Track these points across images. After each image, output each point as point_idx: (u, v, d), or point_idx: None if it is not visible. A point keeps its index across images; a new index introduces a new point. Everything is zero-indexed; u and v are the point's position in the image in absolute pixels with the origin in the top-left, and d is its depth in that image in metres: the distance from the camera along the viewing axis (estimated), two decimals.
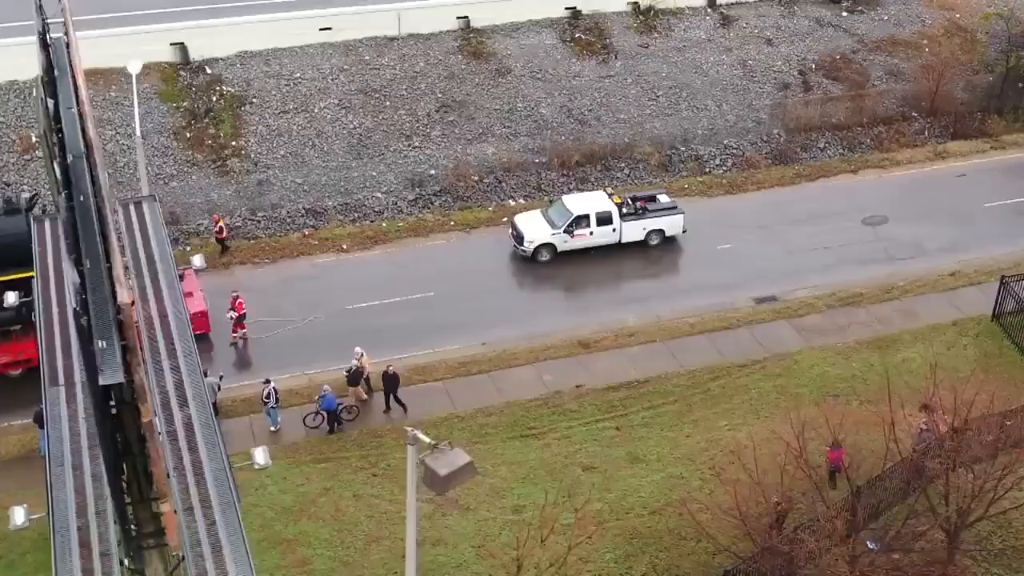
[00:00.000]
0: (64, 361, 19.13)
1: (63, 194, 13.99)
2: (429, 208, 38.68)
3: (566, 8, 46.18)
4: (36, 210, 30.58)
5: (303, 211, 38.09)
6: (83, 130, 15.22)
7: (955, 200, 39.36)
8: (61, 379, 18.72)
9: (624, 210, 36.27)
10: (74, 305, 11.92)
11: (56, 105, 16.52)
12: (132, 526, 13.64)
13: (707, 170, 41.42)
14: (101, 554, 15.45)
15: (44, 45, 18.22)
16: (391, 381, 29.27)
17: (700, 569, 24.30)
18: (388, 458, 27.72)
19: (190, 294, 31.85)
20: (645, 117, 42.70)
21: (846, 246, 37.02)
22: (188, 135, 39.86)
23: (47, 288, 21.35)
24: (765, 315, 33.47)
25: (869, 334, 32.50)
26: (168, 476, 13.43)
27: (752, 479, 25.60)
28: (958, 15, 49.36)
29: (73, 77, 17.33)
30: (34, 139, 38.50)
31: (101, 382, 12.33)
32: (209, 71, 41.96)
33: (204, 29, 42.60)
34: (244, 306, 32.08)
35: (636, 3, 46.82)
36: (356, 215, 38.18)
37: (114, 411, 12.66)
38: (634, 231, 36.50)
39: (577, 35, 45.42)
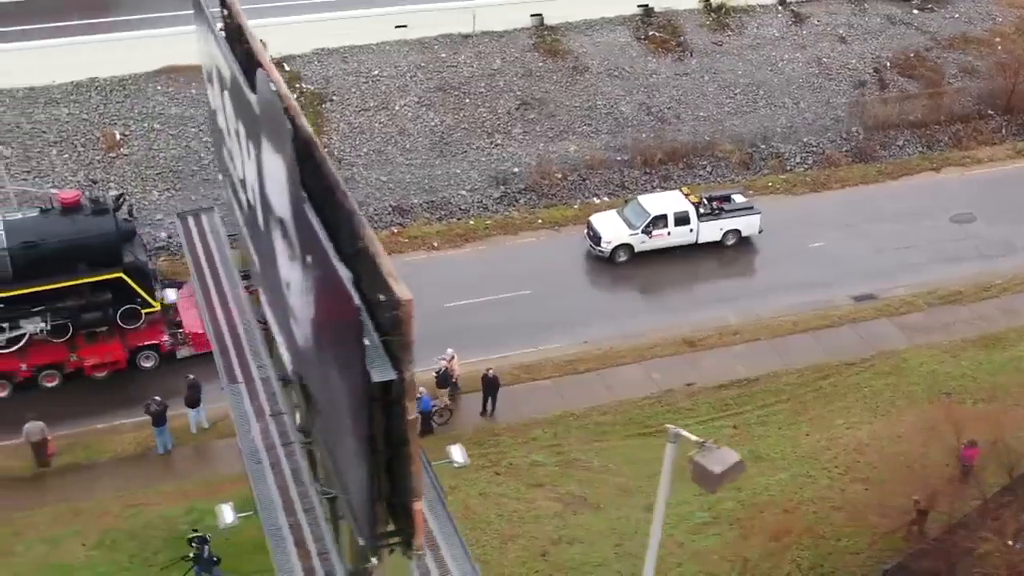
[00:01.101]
0: (239, 359, 18.98)
1: (295, 193, 13.77)
2: (515, 206, 38.54)
3: (638, 5, 46.03)
4: (123, 210, 30.36)
5: (390, 209, 37.97)
6: (300, 125, 15.05)
7: None
8: (240, 376, 18.58)
9: (701, 210, 36.13)
10: (354, 302, 11.74)
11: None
12: (379, 527, 13.45)
13: (788, 168, 41.29)
14: (318, 553, 15.32)
15: (236, 37, 17.97)
16: (491, 384, 29.04)
17: (843, 568, 24.16)
18: (508, 456, 27.60)
19: None
20: (724, 115, 42.57)
21: (936, 244, 36.89)
22: None
23: (205, 284, 21.15)
24: (866, 313, 33.35)
25: (974, 332, 32.40)
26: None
27: (882, 477, 25.59)
28: None
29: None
30: (118, 137, 38.41)
31: (374, 379, 12.19)
32: (288, 68, 41.79)
33: (282, 27, 42.44)
34: None
35: (707, 0, 46.67)
36: (442, 213, 38.02)
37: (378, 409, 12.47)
38: (711, 231, 36.35)
39: (651, 33, 45.26)
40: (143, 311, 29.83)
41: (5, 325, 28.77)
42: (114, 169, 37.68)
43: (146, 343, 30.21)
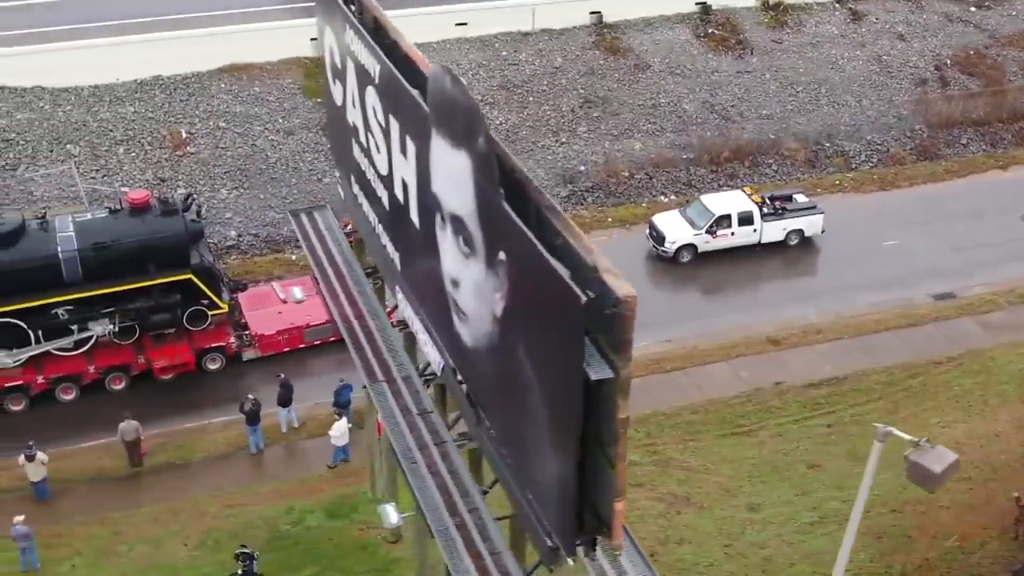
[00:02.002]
0: (376, 357, 18.79)
1: (486, 189, 13.58)
2: (583, 204, 38.36)
3: (696, 3, 45.85)
4: (192, 210, 30.09)
5: None
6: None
7: None
8: (379, 376, 18.39)
9: (764, 210, 35.91)
10: (579, 299, 11.55)
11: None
12: (577, 527, 13.27)
13: (853, 166, 41.13)
14: (490, 553, 15.15)
15: (377, 35, 17.80)
16: None
17: (958, 569, 23.97)
18: None
19: None
20: (787, 113, 42.40)
21: (1009, 242, 36.67)
22: None
23: (330, 284, 20.95)
24: (948, 312, 33.17)
25: None
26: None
27: (984, 476, 25.40)
28: None
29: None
30: (184, 135, 38.24)
31: (593, 378, 12.02)
32: None
33: None
34: (393, 318, 31.38)
35: None
36: None
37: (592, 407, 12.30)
38: (774, 231, 36.12)
39: (710, 30, 45.10)
40: (210, 312, 29.64)
41: (74, 327, 28.59)
42: (182, 168, 37.49)
43: (213, 345, 30.03)
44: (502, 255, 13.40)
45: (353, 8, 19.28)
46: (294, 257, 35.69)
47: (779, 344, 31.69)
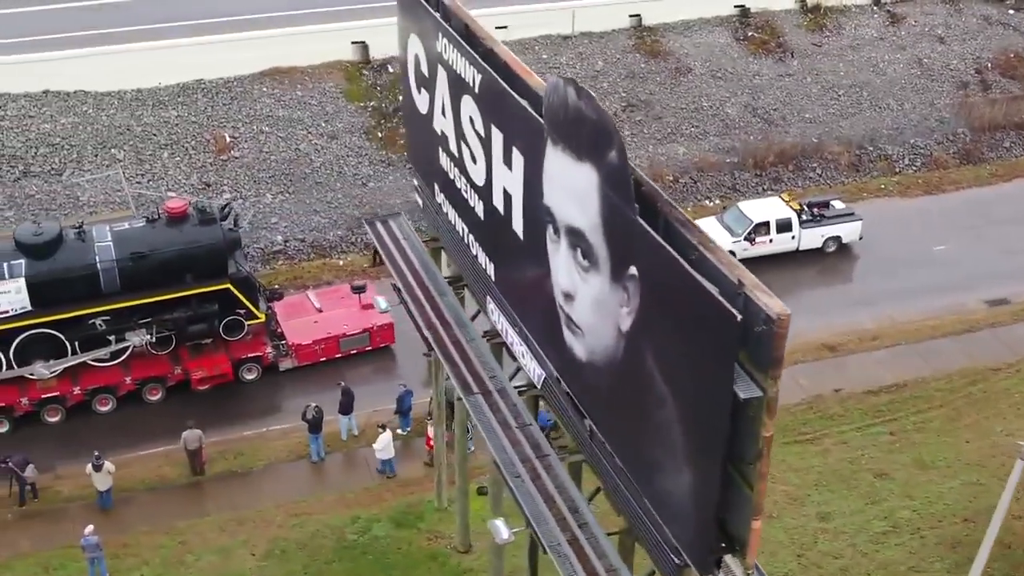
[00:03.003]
0: (468, 368, 18.61)
1: (615, 203, 13.39)
2: None
3: (735, 6, 45.64)
4: (229, 219, 29.84)
5: None
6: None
7: None
8: (475, 388, 18.21)
9: (803, 216, 35.66)
10: (735, 317, 11.38)
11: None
12: (713, 546, 13.10)
13: (897, 170, 40.95)
14: (606, 570, 14.98)
15: (469, 39, 17.63)
16: None
17: None
18: None
19: (371, 306, 31.35)
20: (830, 116, 42.20)
21: None
22: (380, 135, 39.35)
23: (412, 292, 20.77)
24: (1003, 317, 32.97)
25: None
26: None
27: None
28: None
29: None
30: (228, 139, 38.07)
31: (742, 397, 11.86)
32: (391, 70, 41.42)
33: (384, 27, 41.99)
34: None
35: (804, 1, 46.29)
36: None
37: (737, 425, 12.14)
38: (812, 238, 35.85)
39: (749, 33, 44.89)
40: (247, 322, 29.39)
41: (111, 338, 28.37)
42: (226, 172, 37.31)
43: (249, 355, 29.75)
44: (633, 270, 13.24)
45: (439, 13, 19.14)
46: (342, 262, 35.55)
47: (836, 350, 31.51)
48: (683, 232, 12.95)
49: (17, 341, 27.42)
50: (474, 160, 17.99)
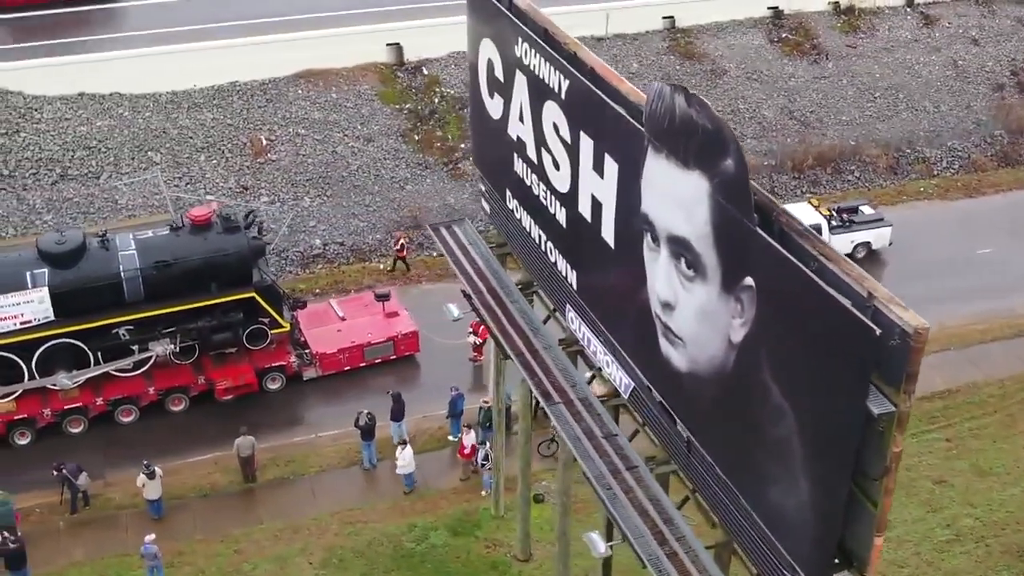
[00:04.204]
0: (547, 377, 18.35)
1: (728, 212, 13.12)
2: None
3: (768, 8, 45.41)
4: (253, 227, 29.44)
5: None
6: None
7: None
8: (556, 397, 17.96)
9: (833, 222, 35.33)
10: (872, 331, 11.12)
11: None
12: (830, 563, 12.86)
13: (935, 172, 40.74)
14: None
15: (550, 44, 17.38)
16: None
17: None
18: None
19: (396, 314, 31.06)
20: (866, 119, 41.98)
21: None
22: (416, 137, 39.10)
23: (484, 299, 20.51)
24: None
25: None
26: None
27: None
28: None
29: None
30: (264, 142, 37.81)
31: (876, 411, 11.62)
32: (426, 72, 41.18)
33: (418, 29, 41.87)
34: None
35: (836, 2, 46.07)
36: None
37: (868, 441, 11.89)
38: (842, 244, 35.37)
39: (783, 35, 44.67)
40: (271, 331, 29.02)
41: (134, 347, 28.00)
42: (263, 175, 37.06)
43: (273, 364, 29.37)
44: (749, 281, 12.99)
45: (519, 19, 18.89)
46: (382, 266, 35.29)
47: None
48: (801, 242, 12.69)
49: (40, 351, 27.01)
50: (556, 167, 17.73)
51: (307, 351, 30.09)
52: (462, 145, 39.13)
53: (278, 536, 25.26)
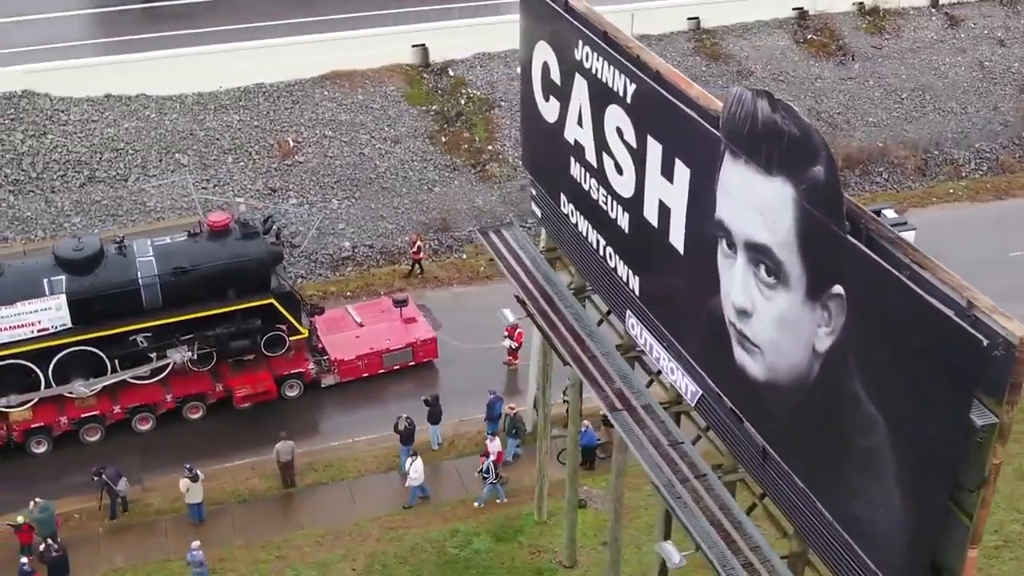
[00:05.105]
0: (608, 384, 18.17)
1: (817, 219, 12.93)
2: None
3: (793, 8, 45.23)
4: (271, 233, 29.24)
5: None
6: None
7: None
8: (618, 404, 17.78)
9: None
10: (980, 342, 10.94)
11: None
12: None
13: (963, 174, 40.57)
14: None
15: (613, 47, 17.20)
16: None
17: None
18: None
19: (413, 319, 30.81)
20: (894, 120, 41.81)
21: None
22: (443, 139, 38.91)
23: (538, 304, 20.32)
24: None
25: None
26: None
27: None
28: None
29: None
30: (291, 144, 37.63)
31: (979, 423, 11.44)
32: (452, 73, 41.00)
33: (443, 31, 41.71)
34: (523, 337, 29.81)
35: (861, 3, 45.88)
36: None
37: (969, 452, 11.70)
38: None
39: (809, 36, 44.50)
40: (290, 338, 28.77)
41: (152, 355, 27.74)
42: (291, 177, 36.90)
43: (292, 371, 29.08)
44: (838, 289, 12.79)
45: (579, 22, 18.72)
46: (413, 268, 35.09)
47: None
48: (892, 249, 12.52)
49: (57, 359, 26.77)
50: (619, 171, 17.54)
51: (325, 357, 29.83)
52: (489, 147, 39.01)
53: (320, 542, 25.08)
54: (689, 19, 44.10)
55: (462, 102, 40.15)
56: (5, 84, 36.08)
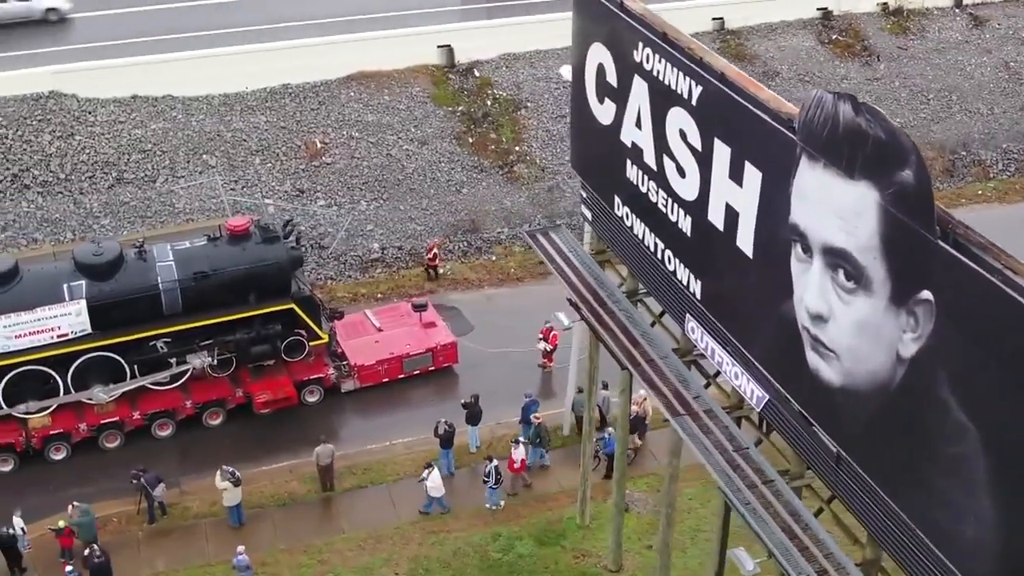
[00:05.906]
0: (669, 388, 18.03)
1: (904, 225, 12.77)
2: None
3: (817, 8, 45.10)
4: (291, 237, 29.07)
5: None
6: None
7: None
8: (679, 409, 17.64)
9: None
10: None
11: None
12: None
13: (991, 176, 40.44)
14: None
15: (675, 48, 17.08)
16: (640, 423, 26.99)
17: None
18: None
19: (433, 324, 30.65)
20: (920, 121, 41.67)
21: None
22: (470, 140, 38.77)
23: (592, 308, 20.17)
24: None
25: None
26: None
27: None
28: None
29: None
30: (319, 145, 37.48)
31: None
32: (478, 74, 40.86)
33: (468, 31, 41.59)
34: (558, 339, 29.59)
35: (885, 3, 45.75)
36: None
37: None
38: None
39: (834, 36, 44.35)
40: (309, 343, 28.56)
41: (172, 360, 27.50)
42: (319, 178, 36.74)
43: (311, 377, 28.88)
44: (927, 295, 12.65)
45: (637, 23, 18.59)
46: (441, 270, 34.96)
47: None
48: (982, 254, 12.39)
49: (76, 364, 26.55)
50: (682, 174, 17.40)
51: (344, 363, 29.64)
52: (516, 148, 38.87)
53: (361, 546, 24.94)
54: (714, 19, 43.99)
55: (488, 103, 39.99)
56: (33, 85, 35.91)
